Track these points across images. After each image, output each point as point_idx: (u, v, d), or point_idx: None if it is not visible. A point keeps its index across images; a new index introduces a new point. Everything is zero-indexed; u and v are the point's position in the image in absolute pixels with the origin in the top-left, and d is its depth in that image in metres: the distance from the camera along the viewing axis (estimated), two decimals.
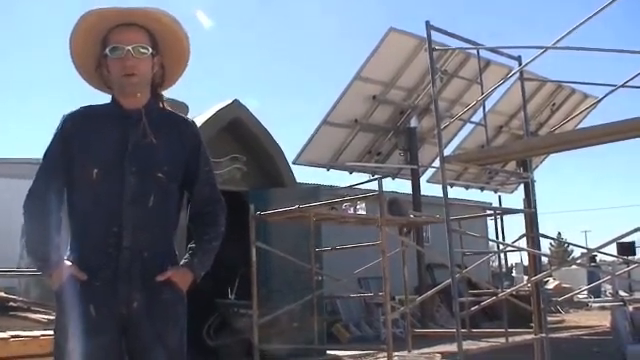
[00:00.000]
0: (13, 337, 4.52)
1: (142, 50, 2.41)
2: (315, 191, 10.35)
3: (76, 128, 2.44)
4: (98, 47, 2.46)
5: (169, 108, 2.60)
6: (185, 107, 10.78)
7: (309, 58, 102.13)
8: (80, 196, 2.41)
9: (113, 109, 2.49)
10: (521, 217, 8.31)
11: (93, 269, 2.32)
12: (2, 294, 7.26)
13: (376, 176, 12.43)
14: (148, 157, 2.41)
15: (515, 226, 17.33)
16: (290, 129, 79.75)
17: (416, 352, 7.35)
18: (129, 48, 2.38)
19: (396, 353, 6.07)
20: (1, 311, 6.94)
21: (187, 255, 2.50)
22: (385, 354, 6.60)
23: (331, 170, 13.14)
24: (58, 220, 2.42)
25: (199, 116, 9.75)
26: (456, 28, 7.52)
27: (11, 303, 7.01)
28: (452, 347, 6.92)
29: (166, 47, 2.52)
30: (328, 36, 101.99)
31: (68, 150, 2.42)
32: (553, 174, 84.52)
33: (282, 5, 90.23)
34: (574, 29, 6.24)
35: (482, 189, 16.21)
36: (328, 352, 9.29)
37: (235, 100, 9.78)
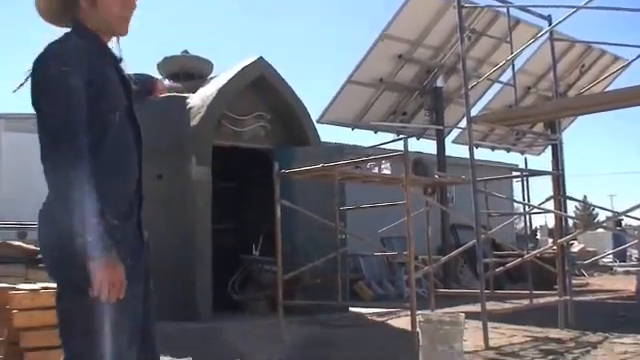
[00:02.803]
0: (43, 288, 4.60)
1: None
2: (339, 150, 10.32)
3: (92, 64, 2.05)
4: None
5: None
6: (210, 64, 10.79)
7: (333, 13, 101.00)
8: (101, 147, 2.02)
9: (102, 45, 2.20)
10: (546, 179, 8.25)
11: (121, 232, 2.04)
12: (32, 247, 7.40)
13: (401, 136, 12.36)
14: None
15: (540, 188, 17.17)
16: (313, 85, 79.49)
17: (439, 311, 7.39)
18: None
19: (419, 312, 6.10)
20: (31, 264, 7.09)
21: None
22: (408, 312, 6.65)
23: (355, 130, 13.09)
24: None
25: (224, 73, 9.71)
26: None
27: (40, 256, 7.14)
28: (475, 307, 6.94)
29: None
30: None
31: (89, 89, 2.01)
32: (580, 136, 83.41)
33: None
34: None
35: (508, 150, 16.06)
36: (351, 309, 9.38)
37: (260, 57, 9.71)
